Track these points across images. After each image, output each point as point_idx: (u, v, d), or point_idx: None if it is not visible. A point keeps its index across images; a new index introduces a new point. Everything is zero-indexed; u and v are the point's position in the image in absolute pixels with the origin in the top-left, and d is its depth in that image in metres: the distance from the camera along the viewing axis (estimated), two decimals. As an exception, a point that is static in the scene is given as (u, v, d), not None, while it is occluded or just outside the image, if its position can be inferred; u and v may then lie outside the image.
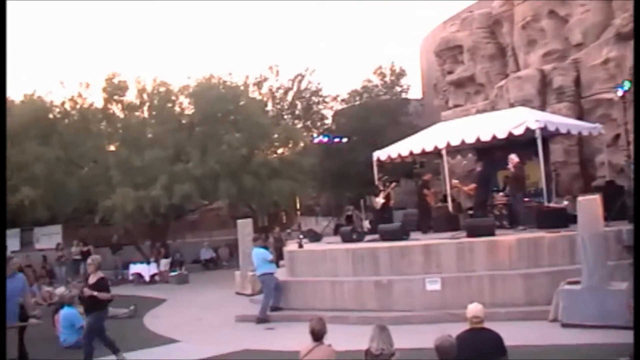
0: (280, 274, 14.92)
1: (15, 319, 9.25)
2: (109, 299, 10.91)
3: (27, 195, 23.86)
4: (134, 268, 24.86)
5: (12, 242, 27.81)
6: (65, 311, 13.06)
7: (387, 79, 36.33)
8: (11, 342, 9.24)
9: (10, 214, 26.49)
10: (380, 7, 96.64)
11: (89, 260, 12.24)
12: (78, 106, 26.88)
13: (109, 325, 14.05)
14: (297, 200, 24.41)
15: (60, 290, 17.42)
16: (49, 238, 28.01)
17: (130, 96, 26.97)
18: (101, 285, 10.83)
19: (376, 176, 18.18)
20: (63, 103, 27.05)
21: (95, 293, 10.90)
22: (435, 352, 5.82)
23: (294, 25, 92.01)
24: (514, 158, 14.64)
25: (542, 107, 19.11)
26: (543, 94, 20.02)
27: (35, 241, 28.79)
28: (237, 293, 18.36)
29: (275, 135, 28.06)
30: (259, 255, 14.31)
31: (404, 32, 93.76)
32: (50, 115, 26.99)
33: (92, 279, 10.93)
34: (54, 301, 19.08)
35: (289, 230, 27.75)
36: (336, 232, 19.96)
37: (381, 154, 18.20)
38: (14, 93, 34.25)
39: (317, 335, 7.09)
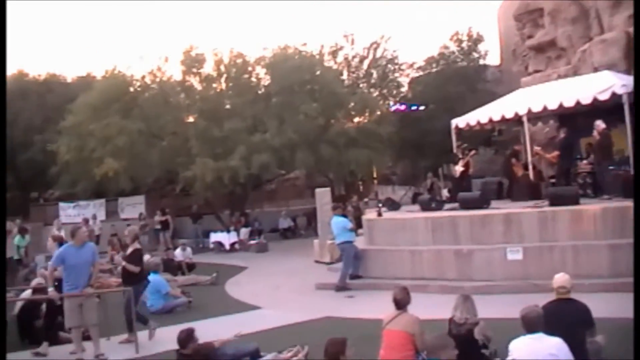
0: (359, 243, 14.95)
1: (83, 287, 9.64)
2: (133, 271, 10.95)
3: (112, 166, 24.66)
4: (215, 237, 25.45)
5: (99, 211, 28.90)
6: (151, 278, 13.46)
7: (464, 45, 35.51)
8: (89, 308, 9.72)
9: (95, 185, 27.61)
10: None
11: (125, 232, 12.62)
12: (157, 79, 27.45)
13: (193, 291, 14.61)
14: (374, 169, 24.37)
15: (146, 257, 17.95)
16: (132, 208, 28.95)
17: (208, 68, 27.32)
18: (134, 257, 11.08)
19: (455, 144, 17.94)
20: (143, 77, 27.67)
21: (124, 263, 11.29)
22: (522, 322, 5.73)
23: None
24: (600, 124, 14.11)
25: (628, 72, 18.33)
26: (629, 58, 19.19)
27: (120, 211, 29.78)
28: (316, 261, 18.57)
29: (352, 104, 27.97)
30: (339, 224, 14.39)
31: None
32: (131, 89, 27.66)
33: (128, 251, 11.18)
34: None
35: (366, 199, 27.77)
36: (414, 201, 19.86)
37: (460, 122, 17.94)
38: (95, 69, 35.35)
39: (400, 304, 7.11)
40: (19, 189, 39.26)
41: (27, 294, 12.88)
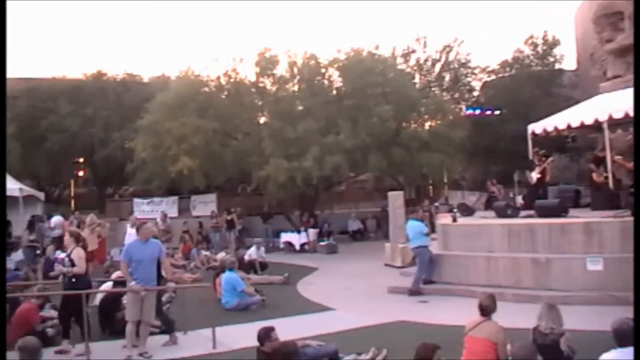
0: (433, 247, 14.85)
1: (149, 282, 9.85)
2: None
3: (186, 164, 25.17)
4: (285, 236, 25.68)
5: (171, 208, 29.54)
6: (227, 275, 13.72)
7: (539, 48, 34.87)
8: (149, 305, 9.86)
9: (170, 183, 28.27)
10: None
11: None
12: (232, 80, 27.89)
13: (265, 290, 14.78)
14: (445, 174, 24.19)
15: (221, 255, 18.30)
16: (204, 206, 29.45)
17: (281, 70, 27.58)
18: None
19: (530, 150, 17.62)
20: (218, 78, 28.11)
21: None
22: (613, 335, 5.59)
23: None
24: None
25: None
26: None
27: (192, 208, 30.36)
28: (386, 264, 18.53)
29: (424, 108, 27.81)
30: (415, 228, 14.35)
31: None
32: (206, 90, 28.16)
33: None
34: (211, 265, 20.20)
35: (436, 204, 27.58)
36: (487, 206, 19.61)
37: (536, 127, 17.59)
38: (170, 70, 36.33)
39: (486, 311, 7.05)
40: (96, 185, 40.56)
41: (107, 285, 13.32)
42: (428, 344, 6.12)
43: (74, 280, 9.96)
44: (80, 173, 40.86)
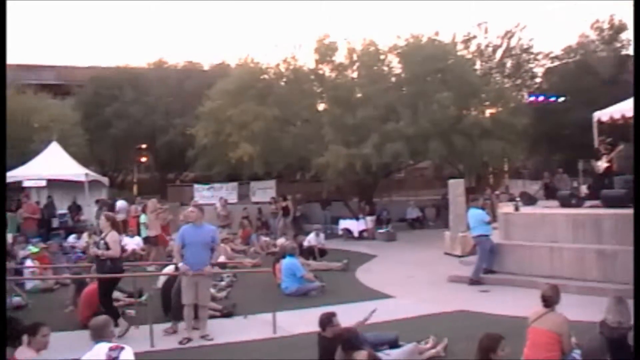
0: (494, 237, 14.63)
1: (200, 267, 9.92)
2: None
3: (246, 151, 25.44)
4: (344, 223, 25.68)
5: (231, 194, 29.88)
6: (286, 261, 13.82)
7: (605, 33, 33.83)
8: (204, 288, 10.04)
9: (230, 169, 28.62)
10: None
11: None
12: (291, 67, 27.97)
13: (324, 276, 14.85)
14: (506, 162, 23.75)
15: (281, 241, 18.43)
16: (263, 192, 29.71)
17: (340, 57, 27.52)
18: None
19: (596, 138, 17.14)
20: (277, 65, 28.25)
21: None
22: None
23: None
24: None
25: None
26: None
27: (252, 194, 30.64)
28: (446, 253, 18.37)
29: (485, 95, 27.35)
30: (476, 217, 14.17)
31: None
32: (266, 77, 28.34)
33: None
34: (271, 250, 20.39)
35: (497, 192, 27.14)
36: (548, 195, 19.21)
37: (602, 115, 17.09)
38: (230, 58, 36.63)
39: (549, 302, 6.92)
40: (158, 170, 41.35)
41: (169, 269, 13.55)
42: (492, 334, 6.04)
43: (108, 263, 10.18)
44: (143, 159, 41.69)
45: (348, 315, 8.49)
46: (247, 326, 10.74)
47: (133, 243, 20.02)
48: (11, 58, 50.17)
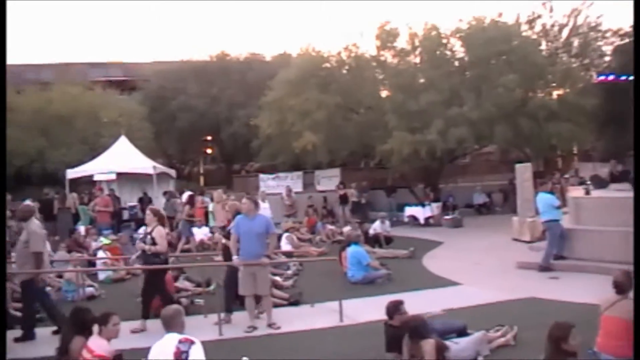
0: (564, 222, 14.25)
1: (255, 257, 10.00)
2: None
3: (310, 140, 25.48)
4: (409, 210, 25.50)
5: (296, 183, 30.02)
6: (352, 249, 13.82)
7: (679, 7, 32.38)
8: (262, 278, 10.11)
9: (294, 158, 28.76)
10: None
11: (227, 207, 12.52)
12: (352, 55, 27.86)
13: (391, 264, 14.80)
14: (575, 145, 23.09)
15: (347, 229, 18.44)
16: (328, 180, 29.72)
17: (402, 42, 27.24)
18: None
19: (670, 119, 16.46)
20: (339, 53, 28.15)
21: (224, 241, 11.42)
22: None
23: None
24: None
25: None
26: None
27: (317, 183, 30.72)
28: (514, 239, 18.02)
29: (551, 76, 26.64)
30: (546, 201, 13.84)
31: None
32: (327, 65, 28.30)
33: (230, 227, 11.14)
34: (336, 239, 20.45)
35: (566, 176, 26.47)
36: (616, 179, 18.61)
37: (676, 93, 16.41)
38: (290, 47, 36.77)
39: (622, 288, 6.72)
40: (223, 162, 41.94)
41: (236, 259, 13.73)
42: (562, 322, 5.89)
43: (155, 258, 10.29)
44: (209, 150, 42.33)
45: (415, 304, 8.44)
46: (313, 314, 10.81)
47: (201, 233, 20.40)
48: (80, 56, 51.67)
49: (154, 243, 10.21)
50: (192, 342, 6.03)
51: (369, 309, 10.28)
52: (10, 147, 30.81)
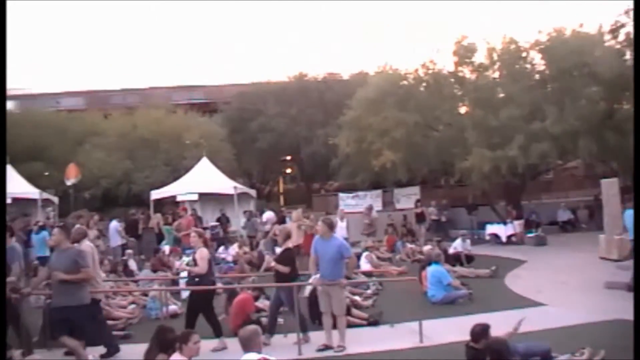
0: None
1: (330, 278, 10.00)
2: (283, 272, 10.67)
3: (389, 158, 25.51)
4: (491, 228, 25.00)
5: (375, 201, 29.95)
6: (432, 268, 13.65)
7: None
8: (337, 299, 9.99)
9: (374, 176, 28.81)
10: None
11: (277, 231, 12.39)
12: (430, 71, 27.69)
13: (472, 283, 14.52)
14: (665, 158, 22.04)
15: (427, 248, 18.24)
16: (407, 199, 29.52)
17: (480, 57, 26.90)
18: (283, 257, 10.88)
19: None
20: (416, 70, 28.05)
21: (273, 264, 11.21)
22: None
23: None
24: None
25: None
26: None
27: (396, 201, 30.58)
28: (601, 257, 17.39)
29: (637, 86, 25.70)
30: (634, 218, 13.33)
31: None
32: (405, 82, 28.25)
33: (279, 250, 11.17)
34: (416, 258, 20.25)
35: (657, 191, 25.39)
36: None
37: None
38: (367, 66, 36.86)
39: None
40: (303, 180, 42.34)
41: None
42: None
43: (196, 279, 10.35)
44: (288, 170, 42.81)
45: (497, 324, 8.25)
46: (393, 335, 10.70)
47: (280, 252, 20.57)
48: (165, 80, 53.37)
49: (195, 264, 10.35)
50: None
51: (449, 330, 10.13)
52: (98, 169, 32.35)
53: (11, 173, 27.66)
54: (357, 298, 13.37)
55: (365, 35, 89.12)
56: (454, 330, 9.44)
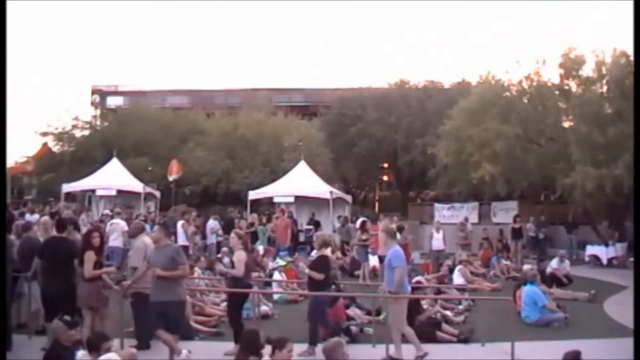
0: None
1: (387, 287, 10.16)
2: (317, 279, 10.51)
3: (488, 171, 25.01)
4: (591, 249, 24.10)
5: (471, 214, 29.46)
6: (528, 288, 13.29)
7: None
8: (391, 310, 10.14)
9: (471, 188, 28.37)
10: None
11: (314, 238, 12.25)
12: (534, 83, 26.98)
13: (568, 306, 14.03)
14: None
15: (527, 267, 17.74)
16: (505, 213, 28.82)
17: (587, 70, 25.94)
18: (317, 264, 10.73)
19: None
20: (520, 81, 27.38)
21: (307, 271, 11.11)
22: None
23: None
24: None
25: None
26: None
27: (493, 215, 29.94)
28: None
29: None
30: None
31: None
32: (508, 94, 27.65)
33: (314, 257, 11.11)
34: (511, 275, 19.79)
35: None
36: None
37: None
38: (469, 75, 36.15)
39: None
40: (399, 188, 42.18)
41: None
42: None
43: (234, 281, 10.50)
44: (385, 177, 42.70)
45: (592, 353, 8.00)
46: (484, 354, 10.54)
47: (374, 260, 20.56)
48: (266, 82, 54.46)
49: (233, 267, 10.52)
50: None
51: (542, 354, 9.88)
52: (199, 166, 33.37)
53: (118, 166, 29.09)
54: (448, 313, 13.23)
55: (467, 43, 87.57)
56: (547, 354, 9.19)
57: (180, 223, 19.46)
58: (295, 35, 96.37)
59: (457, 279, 17.27)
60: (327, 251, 11.16)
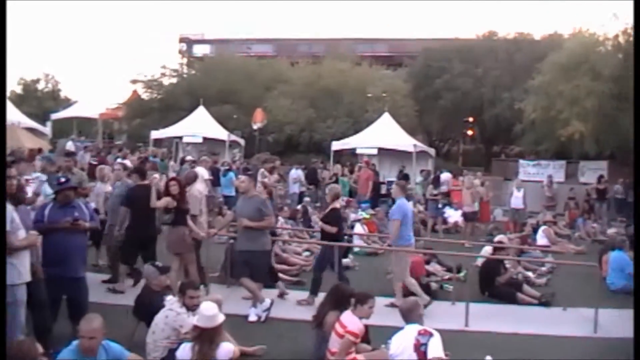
0: None
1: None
2: (330, 231, 10.47)
3: (577, 129, 24.34)
4: None
5: (558, 172, 28.59)
6: (615, 254, 12.95)
7: None
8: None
9: (559, 146, 27.56)
10: None
11: (327, 190, 12.07)
12: (631, 39, 25.71)
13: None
14: None
15: (612, 231, 17.26)
16: (594, 173, 27.82)
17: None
18: (329, 216, 10.69)
19: None
20: (616, 36, 26.28)
21: (320, 224, 11.15)
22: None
23: None
24: None
25: None
26: None
27: (580, 174, 28.99)
28: None
29: None
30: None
31: None
32: (602, 49, 26.58)
33: (327, 210, 11.00)
34: (597, 238, 19.24)
35: None
36: None
37: None
38: (562, 28, 34.81)
39: None
40: (483, 143, 41.41)
41: (486, 250, 13.58)
42: None
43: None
44: (469, 131, 41.97)
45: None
46: (565, 319, 10.38)
47: (457, 216, 20.44)
48: (349, 32, 53.96)
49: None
50: (430, 335, 6.25)
51: (626, 323, 9.60)
52: (283, 115, 33.68)
53: (203, 114, 29.69)
54: (530, 274, 13.06)
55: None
56: (630, 323, 8.92)
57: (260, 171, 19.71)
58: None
59: (541, 239, 16.94)
60: (338, 203, 11.03)
